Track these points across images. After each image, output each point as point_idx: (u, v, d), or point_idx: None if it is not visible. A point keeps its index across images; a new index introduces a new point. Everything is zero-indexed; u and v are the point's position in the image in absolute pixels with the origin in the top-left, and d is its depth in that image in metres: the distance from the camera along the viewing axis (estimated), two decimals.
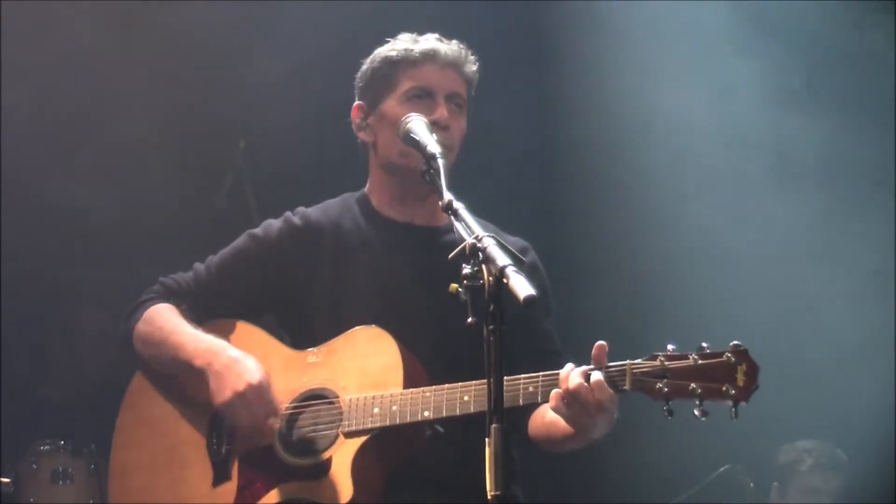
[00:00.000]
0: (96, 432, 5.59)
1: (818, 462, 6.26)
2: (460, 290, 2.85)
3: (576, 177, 6.75)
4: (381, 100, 3.68)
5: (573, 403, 3.19)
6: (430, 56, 3.67)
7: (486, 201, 3.50)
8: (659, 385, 3.14)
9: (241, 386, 3.49)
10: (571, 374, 3.20)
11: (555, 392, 3.22)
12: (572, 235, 6.57)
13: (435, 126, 3.55)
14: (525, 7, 6.61)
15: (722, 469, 6.39)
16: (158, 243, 6.21)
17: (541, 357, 3.53)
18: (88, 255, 6.53)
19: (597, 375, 3.17)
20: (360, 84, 3.75)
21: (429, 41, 3.70)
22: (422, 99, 3.64)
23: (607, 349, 3.21)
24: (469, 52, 3.72)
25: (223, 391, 3.51)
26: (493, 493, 2.75)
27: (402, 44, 3.71)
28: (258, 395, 3.48)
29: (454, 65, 3.68)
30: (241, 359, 3.55)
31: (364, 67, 3.75)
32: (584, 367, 3.21)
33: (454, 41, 3.72)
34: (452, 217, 3.10)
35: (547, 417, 3.45)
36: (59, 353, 6.60)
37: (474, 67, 3.73)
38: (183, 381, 3.70)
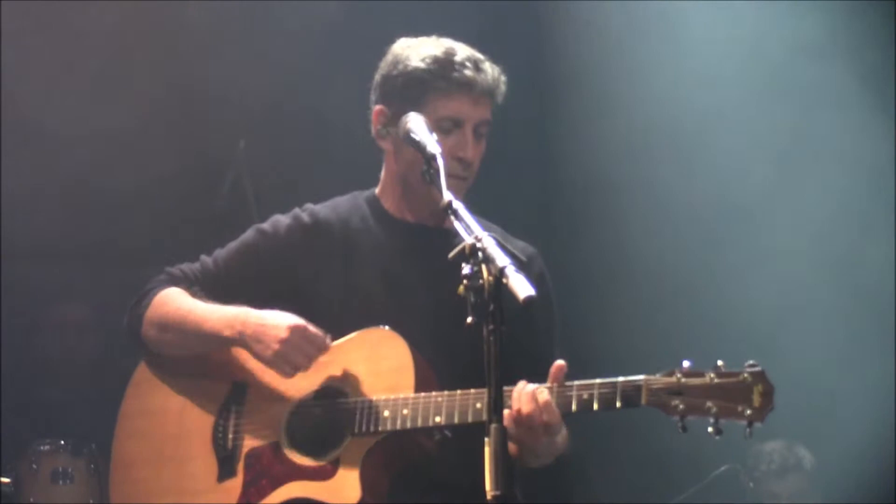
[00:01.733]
0: (96, 432, 5.60)
1: (770, 468, 6.33)
2: (471, 294, 2.85)
3: (582, 185, 6.75)
4: (408, 109, 3.52)
5: (522, 420, 3.21)
6: (466, 88, 3.57)
7: (490, 206, 3.50)
8: (675, 402, 3.16)
9: (283, 333, 3.45)
10: (523, 393, 3.22)
11: (507, 411, 3.20)
12: (581, 245, 6.58)
13: (459, 161, 3.55)
14: (524, 6, 6.61)
15: (722, 469, 6.39)
16: (159, 243, 6.21)
17: (543, 368, 3.47)
18: (88, 254, 6.53)
19: (545, 396, 3.20)
20: (386, 89, 3.64)
21: (466, 68, 3.58)
22: (450, 130, 3.57)
23: (565, 369, 3.24)
24: (502, 75, 3.64)
25: (269, 346, 3.47)
26: (493, 493, 2.75)
27: (438, 65, 3.58)
28: (303, 335, 3.46)
29: (489, 94, 3.61)
30: (269, 314, 3.51)
31: (392, 73, 3.63)
32: (535, 386, 3.23)
33: (487, 63, 3.62)
34: (452, 217, 3.10)
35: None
36: (58, 353, 6.61)
37: (503, 92, 3.64)
38: (191, 372, 3.66)
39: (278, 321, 3.48)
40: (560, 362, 3.24)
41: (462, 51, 3.62)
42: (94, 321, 6.57)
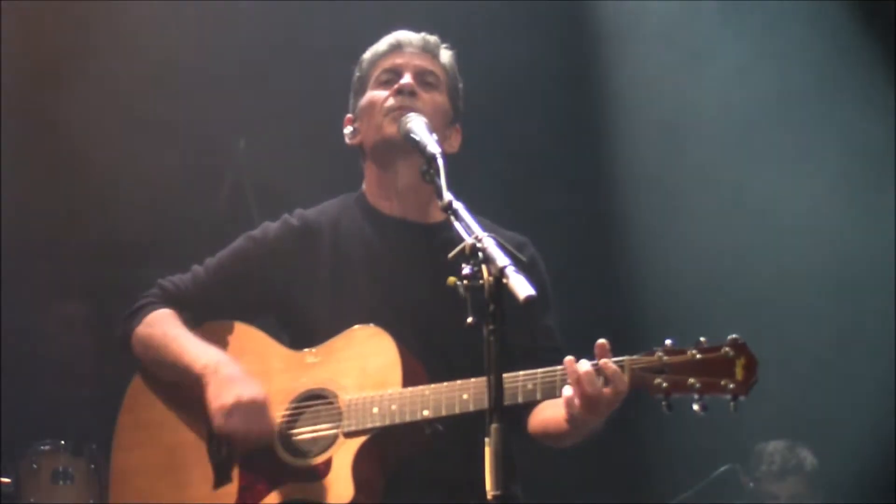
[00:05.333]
0: (96, 432, 5.60)
1: (770, 469, 6.32)
2: (458, 283, 2.85)
3: (574, 172, 6.76)
4: (360, 98, 3.75)
5: (589, 401, 3.17)
6: (395, 45, 3.74)
7: (480, 196, 3.50)
8: (658, 380, 3.14)
9: (245, 396, 3.49)
10: (584, 373, 3.17)
11: (567, 396, 3.20)
12: (567, 231, 6.57)
13: (400, 95, 3.63)
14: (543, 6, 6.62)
15: (722, 469, 6.40)
16: (159, 243, 6.21)
17: (540, 354, 3.52)
18: (88, 255, 6.52)
19: (612, 366, 3.16)
20: (350, 100, 3.82)
21: (398, 34, 3.78)
22: (389, 80, 3.70)
23: (609, 346, 3.20)
24: (439, 41, 3.78)
25: (223, 397, 3.51)
26: (493, 493, 2.75)
27: (378, 43, 3.79)
28: (258, 409, 3.49)
29: (421, 49, 3.74)
30: (238, 378, 3.54)
31: (352, 81, 3.82)
32: (592, 362, 3.19)
33: (425, 34, 3.78)
34: (452, 217, 3.10)
35: (546, 413, 3.45)
36: (58, 352, 6.60)
37: (447, 54, 3.78)
38: (183, 384, 3.69)
39: (235, 391, 3.49)
40: (602, 341, 3.20)
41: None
42: (94, 321, 6.56)
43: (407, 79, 3.67)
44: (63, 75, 6.15)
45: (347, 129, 3.79)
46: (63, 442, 5.88)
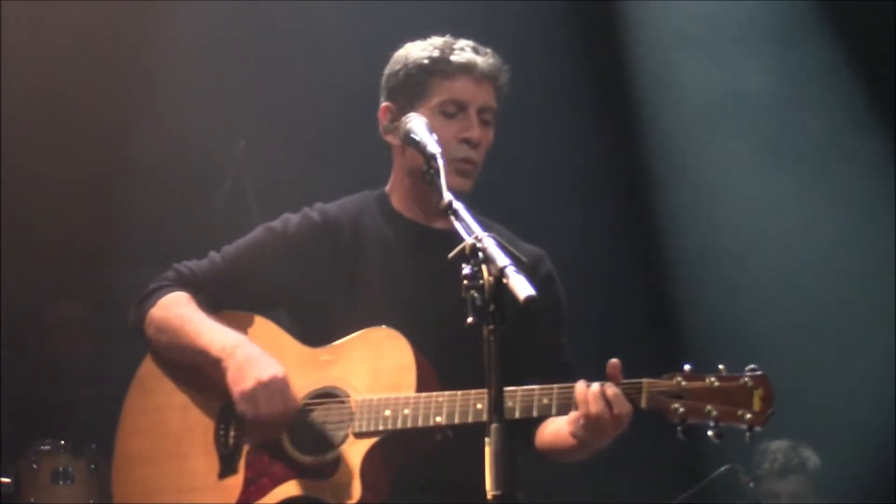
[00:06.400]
0: (96, 432, 5.60)
1: (773, 467, 6.33)
2: (476, 295, 2.85)
3: (586, 186, 6.77)
4: (412, 106, 3.59)
5: (592, 422, 3.20)
6: (466, 69, 3.61)
7: (502, 208, 3.51)
8: (675, 405, 3.16)
9: (264, 377, 3.46)
10: (590, 392, 3.20)
11: (573, 414, 3.23)
12: (587, 247, 6.60)
13: (466, 143, 3.57)
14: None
15: (722, 469, 6.39)
16: (158, 243, 6.21)
17: (551, 370, 3.51)
18: (89, 254, 6.53)
19: (613, 389, 3.18)
20: (390, 85, 3.69)
21: (465, 52, 3.63)
22: (454, 114, 3.59)
23: (621, 366, 3.22)
24: (504, 64, 3.67)
25: (244, 381, 3.47)
26: (493, 493, 2.75)
27: (438, 51, 3.64)
28: (280, 388, 3.46)
29: (490, 78, 3.63)
30: (263, 355, 3.52)
31: (396, 68, 3.67)
32: (599, 384, 3.21)
33: (489, 51, 3.67)
34: (452, 217, 3.10)
35: (554, 430, 3.46)
36: (58, 352, 6.60)
37: (507, 79, 3.68)
38: (194, 370, 3.65)
39: (267, 364, 3.48)
40: (614, 360, 3.22)
41: (462, 40, 3.67)
42: (94, 321, 6.56)
43: (475, 129, 3.58)
44: (61, 75, 6.16)
45: (386, 123, 3.67)
46: (63, 442, 5.87)
